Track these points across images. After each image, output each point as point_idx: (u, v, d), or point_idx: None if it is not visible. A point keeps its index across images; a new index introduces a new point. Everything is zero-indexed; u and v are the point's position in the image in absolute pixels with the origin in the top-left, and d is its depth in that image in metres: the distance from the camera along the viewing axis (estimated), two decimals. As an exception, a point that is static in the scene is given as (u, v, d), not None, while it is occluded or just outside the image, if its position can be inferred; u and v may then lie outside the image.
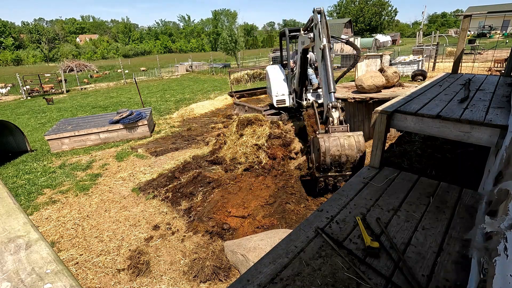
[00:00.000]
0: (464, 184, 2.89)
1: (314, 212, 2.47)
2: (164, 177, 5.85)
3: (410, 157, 5.47)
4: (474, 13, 5.66)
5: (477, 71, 13.26)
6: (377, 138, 3.22)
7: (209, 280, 3.28)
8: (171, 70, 33.16)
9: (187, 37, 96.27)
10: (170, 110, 12.56)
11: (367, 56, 14.71)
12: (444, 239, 2.06)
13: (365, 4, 67.43)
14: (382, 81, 6.25)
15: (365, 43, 36.54)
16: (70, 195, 5.58)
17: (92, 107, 14.57)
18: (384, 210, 2.45)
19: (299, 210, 4.45)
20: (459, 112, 2.89)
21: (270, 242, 3.38)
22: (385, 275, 1.76)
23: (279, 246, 2.08)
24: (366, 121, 6.44)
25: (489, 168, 2.79)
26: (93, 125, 8.58)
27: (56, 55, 68.47)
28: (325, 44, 4.27)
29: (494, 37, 34.25)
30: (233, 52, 28.81)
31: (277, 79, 7.92)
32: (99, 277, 3.50)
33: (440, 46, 18.91)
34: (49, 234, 4.42)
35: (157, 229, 4.34)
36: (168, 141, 8.34)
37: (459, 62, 5.73)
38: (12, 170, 6.99)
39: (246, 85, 15.10)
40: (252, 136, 6.28)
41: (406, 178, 2.96)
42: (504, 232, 1.02)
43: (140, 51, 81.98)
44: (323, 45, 4.27)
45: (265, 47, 71.58)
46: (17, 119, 12.88)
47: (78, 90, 22.22)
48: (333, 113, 3.87)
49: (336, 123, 3.83)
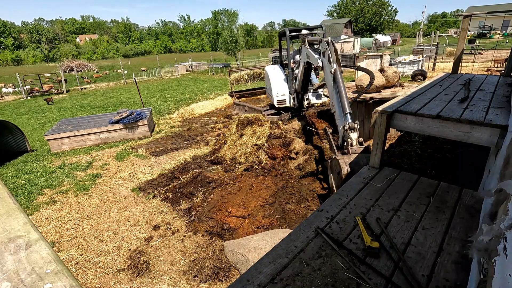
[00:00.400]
0: (464, 184, 2.89)
1: (314, 212, 2.47)
2: (164, 177, 5.85)
3: (410, 157, 5.47)
4: (474, 13, 5.65)
5: (477, 71, 13.27)
6: (377, 138, 3.22)
7: (209, 280, 3.29)
8: (171, 70, 33.17)
9: (187, 37, 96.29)
10: (170, 110, 12.56)
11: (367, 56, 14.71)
12: (444, 239, 2.06)
13: (365, 4, 67.41)
14: (382, 81, 6.25)
15: (365, 43, 36.55)
16: (70, 195, 5.58)
17: (92, 107, 14.57)
18: (384, 210, 2.45)
19: (299, 210, 4.45)
20: (459, 112, 2.89)
21: (270, 242, 3.38)
22: (385, 275, 1.76)
23: (279, 246, 2.08)
24: (366, 121, 6.44)
25: (489, 168, 2.79)
26: (93, 125, 8.58)
27: (56, 55, 68.49)
28: (336, 68, 4.19)
29: (494, 37, 34.26)
30: (233, 52, 28.82)
31: (277, 79, 7.91)
32: (99, 277, 3.50)
33: (440, 46, 18.91)
34: (49, 234, 4.42)
35: (157, 229, 4.34)
36: (168, 141, 8.35)
37: (459, 62, 5.73)
38: (12, 170, 6.99)
39: (246, 85, 15.11)
40: (252, 136, 6.28)
41: (406, 178, 2.96)
42: (504, 232, 1.02)
43: (140, 51, 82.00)
44: (333, 69, 4.19)
45: (265, 47, 71.61)
46: (17, 119, 12.89)
47: (78, 90, 22.22)
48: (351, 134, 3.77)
49: (355, 144, 3.72)
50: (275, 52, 29.47)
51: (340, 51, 28.31)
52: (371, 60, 15.02)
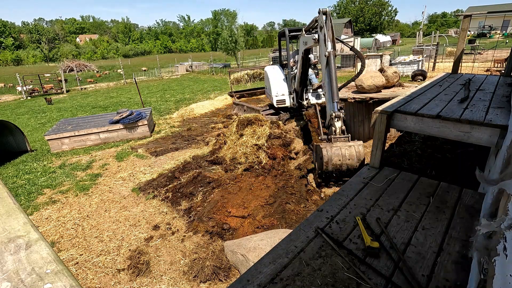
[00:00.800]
0: (464, 184, 2.89)
1: (314, 212, 2.47)
2: (164, 177, 5.85)
3: (410, 157, 5.47)
4: (474, 13, 5.66)
5: (477, 71, 13.27)
6: (377, 138, 3.22)
7: (209, 280, 3.29)
8: (171, 70, 33.17)
9: (187, 37, 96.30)
10: (170, 110, 12.56)
11: (367, 56, 14.71)
12: (444, 239, 2.06)
13: (365, 4, 67.42)
14: (382, 81, 6.24)
15: (365, 43, 36.54)
16: (70, 195, 5.58)
17: (92, 107, 14.57)
18: (384, 210, 2.45)
19: (299, 210, 4.45)
20: (459, 112, 2.89)
21: (270, 242, 3.38)
22: (385, 275, 1.76)
23: (279, 246, 2.08)
24: (366, 121, 6.44)
25: (489, 168, 2.79)
26: (93, 125, 8.58)
27: (56, 55, 68.51)
28: (330, 51, 4.29)
29: (494, 37, 34.27)
30: (233, 52, 28.82)
31: (276, 79, 7.92)
32: (99, 277, 3.50)
33: (440, 46, 18.91)
34: (49, 234, 4.42)
35: (157, 229, 4.34)
36: (168, 141, 8.35)
37: (459, 62, 5.73)
38: (12, 170, 6.99)
39: (246, 85, 15.11)
40: (252, 136, 6.28)
41: (406, 178, 2.96)
42: (504, 232, 1.02)
43: (140, 51, 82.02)
44: (328, 52, 4.30)
45: (265, 47, 71.60)
46: (17, 119, 12.88)
47: (78, 90, 22.22)
48: (335, 123, 3.98)
49: (339, 132, 3.93)
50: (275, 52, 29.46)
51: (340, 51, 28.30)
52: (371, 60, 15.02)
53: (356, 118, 6.52)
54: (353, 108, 6.47)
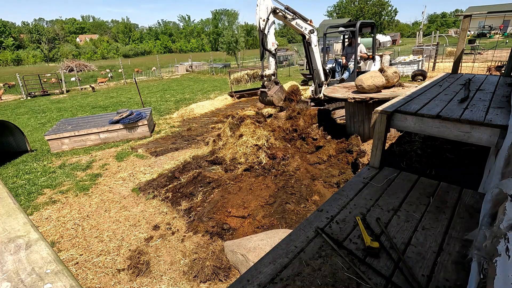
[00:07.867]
0: (464, 184, 2.89)
1: (314, 212, 2.47)
2: (164, 177, 5.84)
3: (410, 157, 5.46)
4: (474, 13, 5.65)
5: (477, 71, 13.27)
6: (377, 138, 3.22)
7: (209, 280, 3.28)
8: (171, 70, 33.14)
9: (187, 37, 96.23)
10: (170, 110, 12.56)
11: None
12: (444, 239, 2.06)
13: (365, 4, 67.41)
14: (382, 81, 6.24)
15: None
16: (70, 195, 5.58)
17: (92, 107, 14.56)
18: (384, 210, 2.45)
19: (299, 210, 4.45)
20: (459, 112, 2.89)
21: (270, 242, 3.38)
22: (385, 275, 1.75)
23: (279, 246, 2.08)
24: (366, 121, 6.43)
25: (489, 168, 2.79)
26: (93, 125, 8.58)
27: (56, 55, 68.46)
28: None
29: (494, 37, 34.28)
30: (233, 52, 28.81)
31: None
32: (99, 277, 3.50)
33: (440, 46, 18.90)
34: (49, 234, 4.42)
35: (157, 229, 4.34)
36: (168, 141, 8.34)
37: (459, 62, 5.73)
38: (12, 170, 6.99)
39: (246, 85, 15.08)
40: (252, 137, 6.29)
41: (406, 178, 2.96)
42: (505, 232, 1.01)
43: (140, 51, 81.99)
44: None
45: (265, 47, 71.35)
46: (17, 119, 12.88)
47: (78, 90, 22.21)
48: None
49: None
50: (275, 52, 29.41)
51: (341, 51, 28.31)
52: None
53: (356, 118, 6.51)
54: (353, 108, 6.46)
